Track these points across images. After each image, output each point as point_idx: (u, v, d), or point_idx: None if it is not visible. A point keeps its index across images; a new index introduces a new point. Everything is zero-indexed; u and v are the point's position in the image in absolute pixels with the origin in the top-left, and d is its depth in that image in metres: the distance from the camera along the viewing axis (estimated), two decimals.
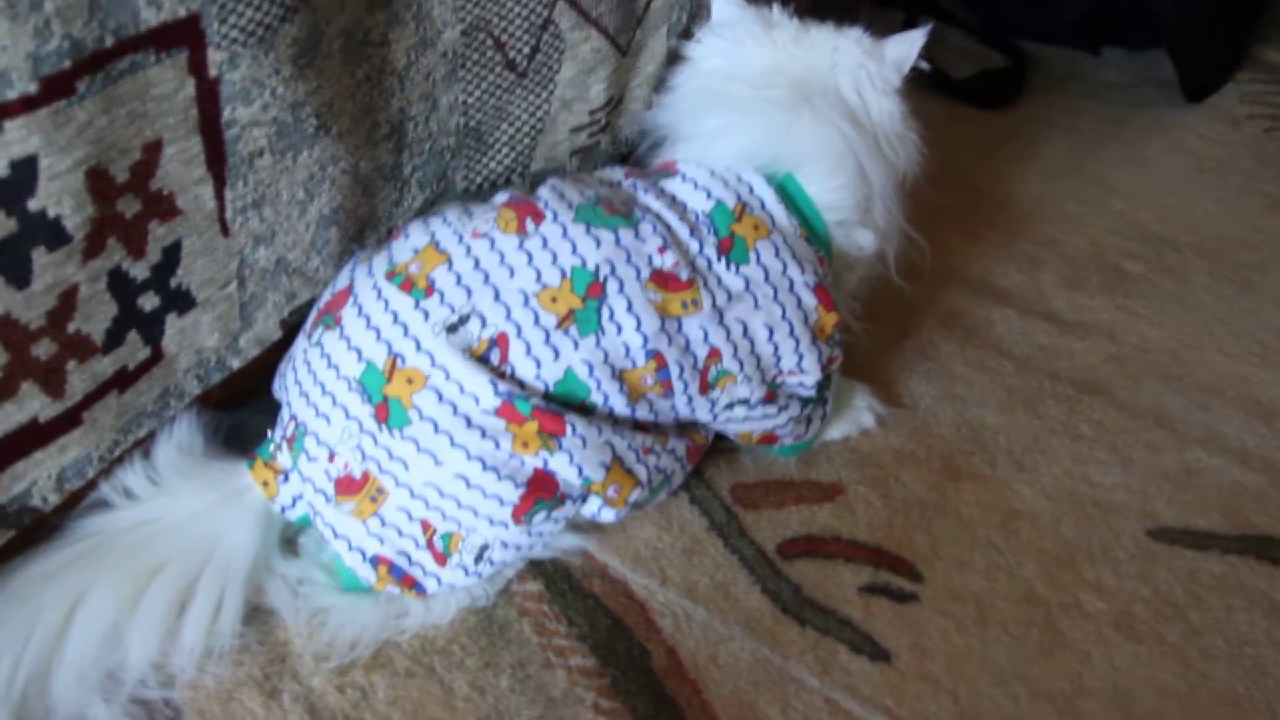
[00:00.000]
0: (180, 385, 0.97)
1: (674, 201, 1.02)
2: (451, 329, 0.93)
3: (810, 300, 1.02)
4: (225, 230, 0.93)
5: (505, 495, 0.93)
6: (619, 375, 0.95)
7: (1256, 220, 1.48)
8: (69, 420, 0.88)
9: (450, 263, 0.96)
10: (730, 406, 1.02)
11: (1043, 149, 1.57)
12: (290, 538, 1.00)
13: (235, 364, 1.00)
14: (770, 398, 1.03)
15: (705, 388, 0.99)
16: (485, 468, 0.92)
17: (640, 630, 0.98)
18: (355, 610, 0.97)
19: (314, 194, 0.97)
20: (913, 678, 0.96)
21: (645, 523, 1.07)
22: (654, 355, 0.96)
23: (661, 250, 0.97)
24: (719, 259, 0.99)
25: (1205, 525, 1.10)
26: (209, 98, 0.86)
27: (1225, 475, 1.15)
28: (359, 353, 0.94)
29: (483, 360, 0.93)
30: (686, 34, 1.25)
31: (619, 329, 0.95)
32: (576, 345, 0.94)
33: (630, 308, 0.95)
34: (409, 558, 0.95)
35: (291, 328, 1.03)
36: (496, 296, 0.94)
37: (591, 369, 0.94)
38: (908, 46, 1.08)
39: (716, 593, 1.01)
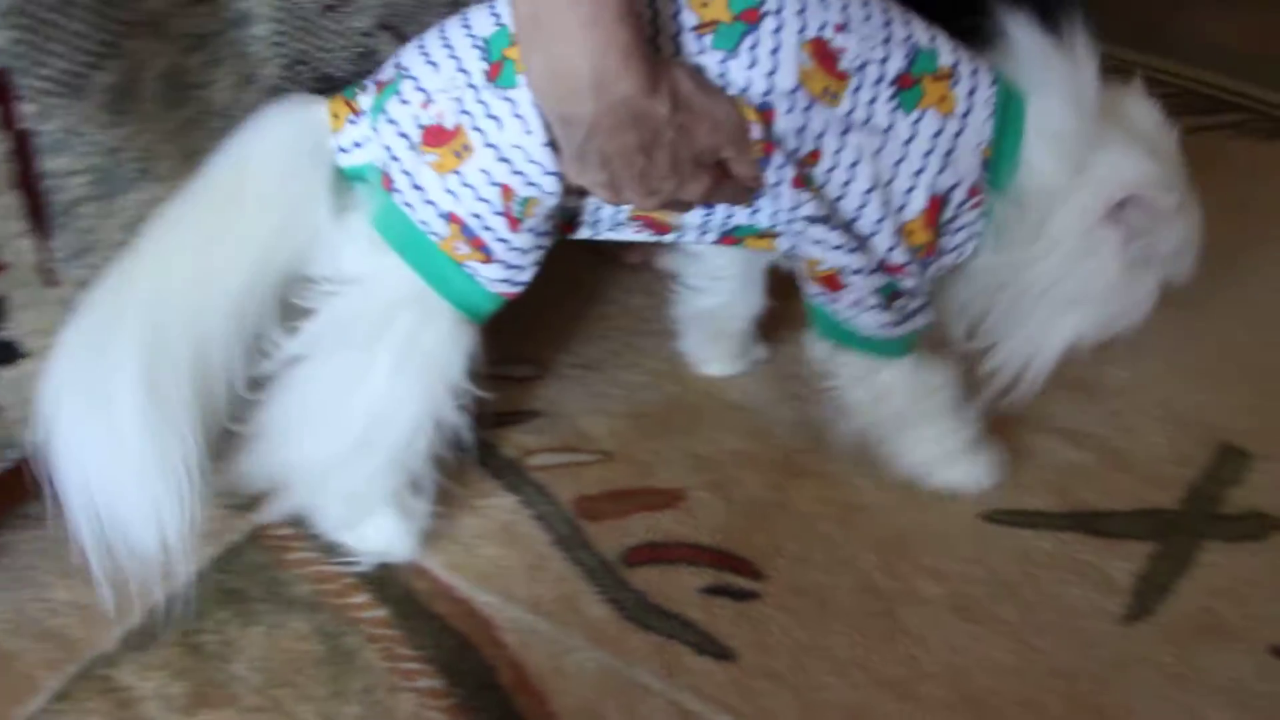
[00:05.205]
0: (11, 436, 0.96)
1: (903, 12, 0.97)
2: None
3: (919, 201, 0.97)
4: (52, 281, 0.93)
5: None
6: None
7: None
8: None
9: None
10: (811, 221, 0.97)
11: None
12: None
13: None
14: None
15: (800, 182, 0.95)
16: None
17: (486, 648, 0.99)
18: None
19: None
20: (756, 674, 0.98)
21: (489, 541, 1.08)
22: (766, 110, 0.92)
23: (839, 28, 0.92)
24: (890, 86, 0.94)
25: (1037, 505, 1.13)
26: (23, 151, 0.86)
27: (1056, 456, 1.18)
28: (498, 17, 0.92)
29: None
30: None
31: (752, 63, 0.91)
32: (703, 52, 0.91)
33: (775, 51, 0.91)
34: (482, 220, 0.93)
35: None
36: None
37: None
38: None
39: (561, 606, 1.03)
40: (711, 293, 1.22)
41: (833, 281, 1.01)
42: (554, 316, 1.13)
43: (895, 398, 1.08)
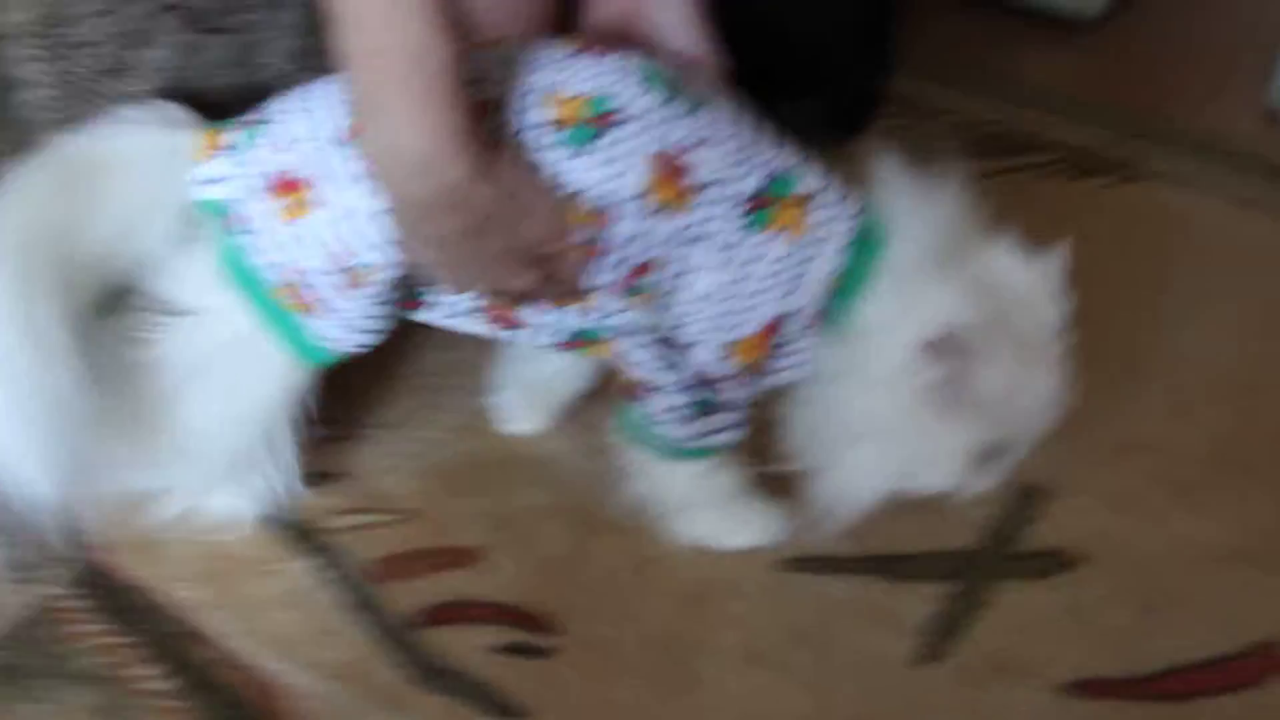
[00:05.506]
0: None
1: (776, 136, 0.98)
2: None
3: (755, 322, 0.97)
4: None
5: None
6: None
7: None
8: None
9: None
10: (631, 328, 0.98)
11: None
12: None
13: None
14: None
15: (624, 288, 0.95)
16: None
17: (276, 717, 0.98)
18: None
19: None
20: None
21: (281, 607, 1.06)
22: (601, 212, 0.92)
23: (696, 144, 0.93)
24: (740, 205, 0.94)
25: (835, 550, 1.14)
26: None
27: None
28: None
29: None
30: None
31: (595, 165, 0.91)
32: (547, 149, 0.92)
33: (622, 158, 0.91)
34: (316, 276, 0.93)
35: None
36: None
37: None
38: None
39: (351, 671, 1.02)
40: (544, 361, 1.21)
41: (641, 388, 1.02)
42: (354, 374, 1.12)
43: (679, 487, 1.10)
